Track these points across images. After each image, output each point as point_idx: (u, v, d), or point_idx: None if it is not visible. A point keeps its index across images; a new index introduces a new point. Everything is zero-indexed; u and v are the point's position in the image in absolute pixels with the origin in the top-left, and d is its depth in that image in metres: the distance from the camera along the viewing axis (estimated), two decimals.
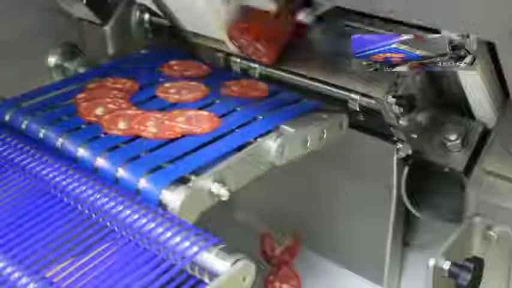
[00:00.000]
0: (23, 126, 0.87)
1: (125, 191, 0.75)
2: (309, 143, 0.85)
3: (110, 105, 0.89)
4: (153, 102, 0.91)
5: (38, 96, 0.94)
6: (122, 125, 0.85)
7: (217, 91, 0.94)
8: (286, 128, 0.85)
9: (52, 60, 1.12)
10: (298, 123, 0.86)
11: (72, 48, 1.14)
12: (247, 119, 0.86)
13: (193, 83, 0.96)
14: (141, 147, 0.81)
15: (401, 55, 0.74)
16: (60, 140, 0.83)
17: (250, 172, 0.81)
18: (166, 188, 0.73)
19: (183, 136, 0.83)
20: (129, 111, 0.88)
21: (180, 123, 0.84)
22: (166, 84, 0.95)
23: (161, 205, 0.72)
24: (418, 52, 0.74)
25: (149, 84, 0.96)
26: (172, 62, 1.03)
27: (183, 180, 0.74)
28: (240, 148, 0.80)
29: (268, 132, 0.83)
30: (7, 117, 0.89)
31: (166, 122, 0.85)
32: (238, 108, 0.89)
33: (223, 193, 0.74)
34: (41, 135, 0.85)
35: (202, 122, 0.85)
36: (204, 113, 0.87)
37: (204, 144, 0.81)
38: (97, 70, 1.03)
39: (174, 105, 0.90)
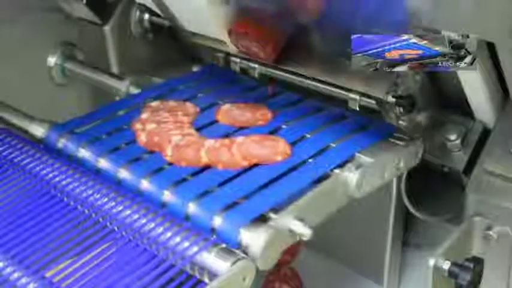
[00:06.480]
0: (79, 154, 0.82)
1: (197, 229, 0.69)
2: (386, 174, 0.80)
3: (174, 132, 0.84)
4: (216, 128, 0.86)
5: (92, 120, 0.89)
6: (189, 155, 0.79)
7: (282, 114, 0.89)
8: (363, 158, 0.79)
9: (52, 60, 1.12)
10: (374, 152, 0.80)
11: (72, 48, 1.14)
12: (320, 146, 0.81)
13: (254, 104, 0.91)
14: (211, 179, 0.76)
15: (419, 51, 0.74)
16: (121, 170, 0.78)
17: (329, 207, 0.75)
18: (245, 227, 0.67)
19: (255, 166, 0.78)
20: (195, 139, 0.82)
21: (254, 151, 0.79)
22: (226, 106, 0.90)
23: (240, 246, 0.67)
24: (437, 48, 0.73)
25: (208, 107, 0.92)
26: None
27: (261, 219, 0.69)
28: (317, 181, 0.75)
29: (345, 162, 0.78)
30: (60, 144, 0.84)
31: (235, 151, 0.79)
32: (308, 135, 0.84)
33: (305, 232, 0.69)
34: (100, 165, 0.80)
35: (276, 151, 0.79)
36: (277, 139, 0.82)
37: (279, 176, 0.75)
38: (149, 91, 0.97)
39: (239, 130, 0.86)
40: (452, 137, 0.88)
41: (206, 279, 0.66)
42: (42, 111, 0.91)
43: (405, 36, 0.74)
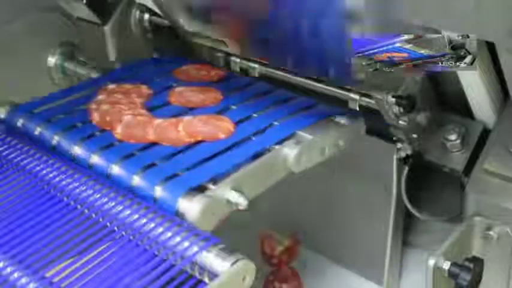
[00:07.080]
0: (36, 133, 0.87)
1: (141, 198, 0.74)
2: (326, 150, 0.84)
3: (126, 112, 0.88)
4: (168, 108, 0.90)
5: (51, 101, 0.93)
6: (137, 132, 0.83)
7: (233, 96, 0.93)
8: (303, 135, 0.83)
9: (52, 60, 1.12)
10: (315, 130, 0.84)
11: (72, 48, 1.14)
12: (263, 125, 0.85)
13: (207, 87, 0.95)
14: (157, 154, 0.80)
15: (404, 54, 0.74)
16: (75, 147, 0.82)
17: (267, 180, 0.79)
18: (183, 196, 0.72)
19: (199, 142, 0.81)
20: (145, 118, 0.86)
21: (198, 128, 0.83)
22: (179, 89, 0.94)
23: (178, 214, 0.71)
24: (423, 51, 0.73)
25: (163, 90, 0.96)
26: (185, 67, 1.03)
27: (200, 189, 0.73)
28: (257, 155, 0.79)
29: (286, 139, 0.82)
30: (19, 124, 0.89)
31: (181, 128, 0.83)
32: (255, 115, 0.88)
33: (242, 202, 0.73)
34: (54, 142, 0.84)
35: (219, 128, 0.83)
36: (222, 118, 0.86)
37: (221, 152, 0.79)
38: (109, 75, 1.02)
39: (189, 111, 0.89)
40: (452, 137, 0.88)
41: (206, 279, 0.66)
42: None
43: (405, 36, 0.74)
